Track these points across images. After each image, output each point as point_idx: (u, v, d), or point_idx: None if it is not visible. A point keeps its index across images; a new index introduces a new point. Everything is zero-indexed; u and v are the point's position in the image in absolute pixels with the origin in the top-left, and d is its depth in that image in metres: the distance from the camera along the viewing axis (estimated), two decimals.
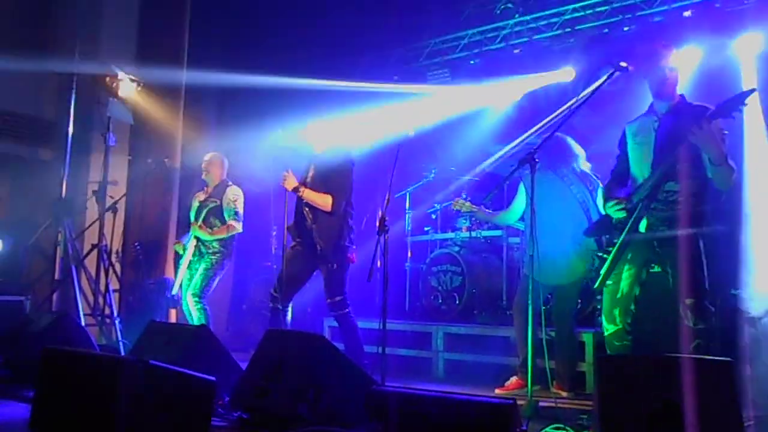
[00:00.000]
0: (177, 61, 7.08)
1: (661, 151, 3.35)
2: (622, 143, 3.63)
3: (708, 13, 5.77)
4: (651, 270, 3.45)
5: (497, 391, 4.43)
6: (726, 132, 3.38)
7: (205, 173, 5.58)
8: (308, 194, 4.46)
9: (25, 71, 6.79)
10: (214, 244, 5.34)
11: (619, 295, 3.43)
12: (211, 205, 5.42)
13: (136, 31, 7.10)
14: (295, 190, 4.47)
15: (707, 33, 5.60)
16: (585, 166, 4.50)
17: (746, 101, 3.04)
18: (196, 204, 5.55)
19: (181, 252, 5.46)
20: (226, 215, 5.38)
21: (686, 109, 3.41)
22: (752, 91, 3.06)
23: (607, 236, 3.54)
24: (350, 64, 7.83)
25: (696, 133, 3.10)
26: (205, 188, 5.62)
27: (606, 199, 3.56)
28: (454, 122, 7.42)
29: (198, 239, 5.36)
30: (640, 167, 3.47)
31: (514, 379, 4.46)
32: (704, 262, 3.25)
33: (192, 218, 5.50)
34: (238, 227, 5.41)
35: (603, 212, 3.63)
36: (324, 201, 4.43)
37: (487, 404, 2.29)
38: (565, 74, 6.66)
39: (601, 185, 4.22)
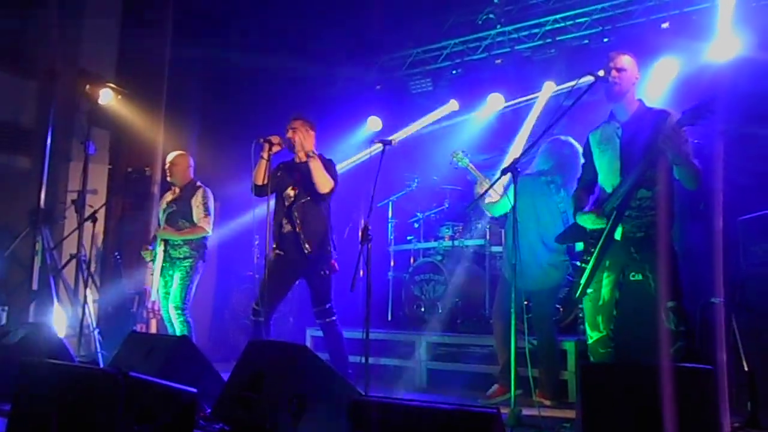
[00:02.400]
0: (158, 69, 7.05)
1: (628, 157, 3.38)
2: (587, 151, 3.67)
3: (684, 24, 5.88)
4: (631, 278, 3.47)
5: (481, 400, 4.42)
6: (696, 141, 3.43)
7: (169, 175, 5.35)
8: (316, 163, 4.40)
9: (4, 79, 6.72)
10: (184, 248, 5.16)
11: (600, 302, 3.45)
12: (170, 209, 5.22)
13: (117, 38, 7.05)
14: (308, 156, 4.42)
15: (684, 44, 5.70)
16: None
17: (712, 108, 3.07)
18: (164, 205, 5.38)
19: (148, 258, 5.29)
20: (194, 217, 5.20)
21: (646, 115, 3.45)
22: (716, 97, 3.09)
23: (581, 244, 3.57)
24: (332, 73, 7.85)
25: (666, 144, 3.13)
26: (173, 188, 5.41)
27: (577, 209, 3.59)
28: (437, 131, 7.46)
29: (166, 243, 5.17)
30: (607, 175, 3.51)
31: (496, 386, 4.46)
32: (679, 264, 3.29)
33: (160, 221, 5.33)
34: (208, 229, 5.22)
35: (573, 221, 3.66)
36: (328, 180, 4.41)
37: (471, 414, 2.28)
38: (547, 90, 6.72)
39: None
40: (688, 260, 4.10)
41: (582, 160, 4.48)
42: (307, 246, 4.38)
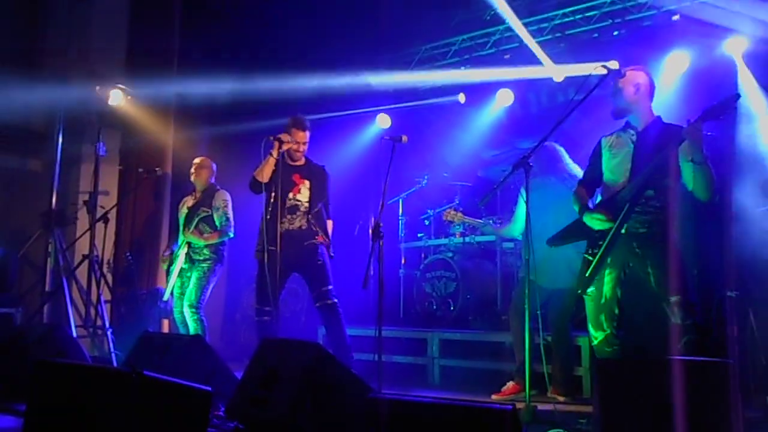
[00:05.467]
0: (167, 70, 7.06)
1: (640, 161, 3.40)
2: (596, 153, 3.68)
3: (696, 17, 5.81)
4: (628, 275, 3.45)
5: (494, 396, 4.41)
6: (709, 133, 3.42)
7: (194, 175, 5.54)
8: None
9: (15, 82, 6.76)
10: (205, 251, 5.29)
11: (602, 300, 3.43)
12: (203, 214, 5.37)
13: (126, 39, 7.07)
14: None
15: (696, 36, 5.64)
16: (576, 169, 4.51)
17: (735, 105, 3.07)
18: (184, 210, 5.50)
19: (165, 267, 5.42)
20: (217, 221, 5.35)
21: (663, 128, 3.48)
22: (738, 96, 3.09)
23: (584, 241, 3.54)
24: (340, 72, 7.84)
25: (691, 134, 3.12)
26: (193, 193, 5.56)
27: (583, 208, 3.57)
28: (446, 128, 7.44)
29: (189, 245, 5.30)
30: (616, 176, 3.51)
31: (510, 383, 4.45)
32: (683, 258, 3.28)
33: (181, 224, 5.44)
34: (230, 232, 5.39)
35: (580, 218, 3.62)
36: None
37: (486, 410, 2.26)
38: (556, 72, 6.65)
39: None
40: (703, 255, 4.06)
41: (567, 158, 4.50)
42: (319, 230, 4.56)
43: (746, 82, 5.25)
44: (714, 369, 2.44)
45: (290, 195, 4.64)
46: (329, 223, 4.74)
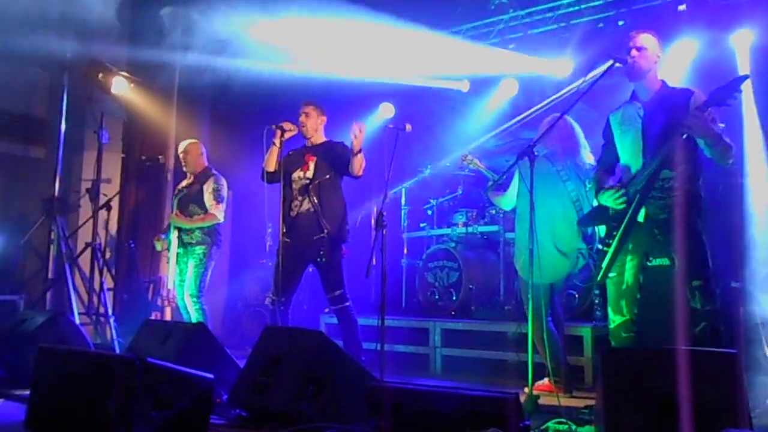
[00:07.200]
0: (170, 57, 7.02)
1: (651, 137, 3.32)
2: (607, 132, 3.59)
3: (702, 6, 5.77)
4: (654, 262, 3.41)
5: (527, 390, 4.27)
6: (722, 125, 3.36)
7: (183, 164, 5.42)
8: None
9: (16, 69, 6.73)
10: (197, 233, 5.16)
11: (624, 286, 3.39)
12: (187, 191, 5.25)
13: (129, 27, 7.03)
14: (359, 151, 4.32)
15: (702, 26, 5.60)
16: (589, 158, 4.41)
17: (740, 88, 3.00)
18: (177, 193, 5.42)
19: (160, 248, 5.32)
20: (206, 204, 5.20)
21: (669, 94, 3.39)
22: (745, 77, 3.02)
23: (602, 227, 3.51)
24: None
25: (692, 126, 3.08)
26: (188, 176, 5.45)
27: (599, 190, 3.52)
28: (449, 118, 7.41)
29: (179, 229, 5.19)
30: (629, 156, 3.44)
31: (546, 380, 4.19)
32: (706, 244, 3.22)
33: (173, 207, 5.36)
34: (220, 216, 5.22)
35: (596, 202, 3.58)
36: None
37: (489, 398, 2.27)
38: (562, 65, 6.63)
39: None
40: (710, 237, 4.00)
41: (583, 141, 4.43)
42: (327, 226, 4.37)
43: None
44: (722, 360, 2.41)
45: (300, 174, 4.51)
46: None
